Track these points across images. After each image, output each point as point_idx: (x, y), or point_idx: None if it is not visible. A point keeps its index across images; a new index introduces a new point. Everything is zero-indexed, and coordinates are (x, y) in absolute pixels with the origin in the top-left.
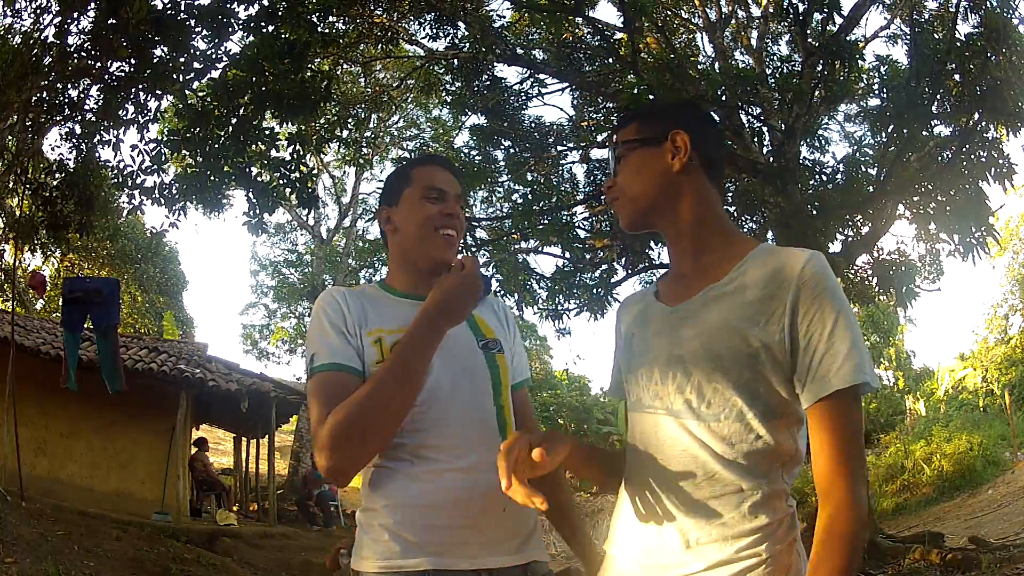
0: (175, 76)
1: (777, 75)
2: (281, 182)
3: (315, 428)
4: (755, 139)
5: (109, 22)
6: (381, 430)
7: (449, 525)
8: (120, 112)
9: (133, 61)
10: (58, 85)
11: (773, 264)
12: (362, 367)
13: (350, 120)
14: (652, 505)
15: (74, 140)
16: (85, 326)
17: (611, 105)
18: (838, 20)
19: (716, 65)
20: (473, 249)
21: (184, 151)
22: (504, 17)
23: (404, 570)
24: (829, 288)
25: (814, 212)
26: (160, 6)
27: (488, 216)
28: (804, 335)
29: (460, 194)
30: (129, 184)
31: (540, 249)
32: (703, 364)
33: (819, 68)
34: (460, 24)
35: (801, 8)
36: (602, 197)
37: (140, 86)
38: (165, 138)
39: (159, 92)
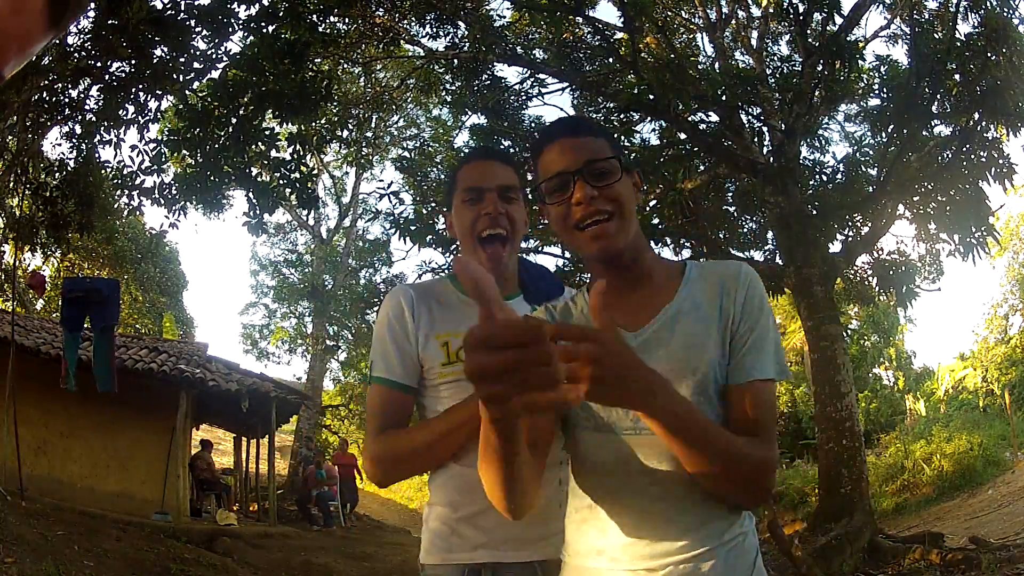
0: (175, 76)
1: (777, 75)
2: (281, 182)
3: (369, 437)
4: (755, 139)
5: (109, 22)
6: (422, 470)
7: (507, 524)
8: (120, 112)
9: (133, 61)
10: (58, 85)
11: (716, 275)
12: (417, 380)
13: (350, 120)
14: (644, 518)
15: (74, 140)
16: (85, 326)
17: (611, 105)
18: (838, 20)
19: (716, 65)
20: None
21: (184, 151)
22: (504, 17)
23: (464, 563)
24: (762, 293)
25: (814, 212)
26: (160, 6)
27: None
28: (744, 331)
29: (506, 184)
30: (129, 184)
31: (540, 249)
32: (681, 382)
33: (819, 68)
34: (460, 24)
35: (801, 8)
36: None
37: (140, 86)
38: (165, 138)
39: (159, 92)
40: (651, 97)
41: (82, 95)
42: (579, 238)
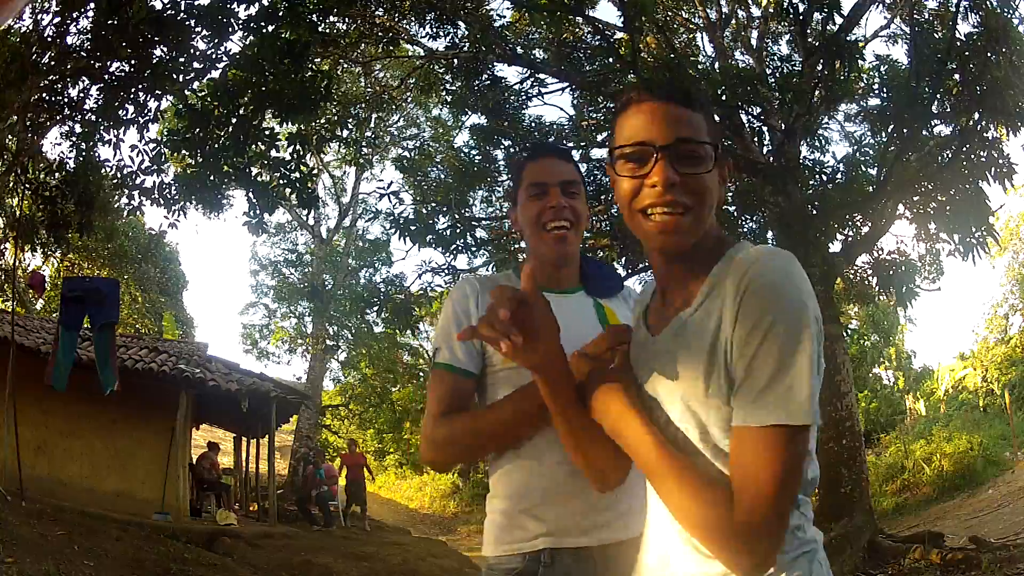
0: (175, 76)
1: (777, 75)
2: (281, 182)
3: (428, 420)
4: (755, 139)
5: (109, 22)
6: (487, 453)
7: (566, 513)
8: (120, 112)
9: (133, 61)
10: (58, 85)
11: (732, 270)
12: (479, 367)
13: (350, 120)
14: (665, 522)
15: (74, 140)
16: (84, 325)
17: (611, 105)
18: (838, 20)
19: (716, 65)
20: (473, 248)
21: (184, 151)
22: (504, 17)
23: (525, 551)
24: (771, 296)
25: (814, 212)
26: (160, 6)
27: (488, 216)
28: (736, 356)
29: (570, 179)
30: (129, 184)
31: None
32: (674, 404)
33: (819, 68)
34: (460, 24)
35: (801, 8)
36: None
37: (140, 86)
38: (165, 138)
39: (159, 92)
40: None
41: (82, 95)
42: (642, 224)
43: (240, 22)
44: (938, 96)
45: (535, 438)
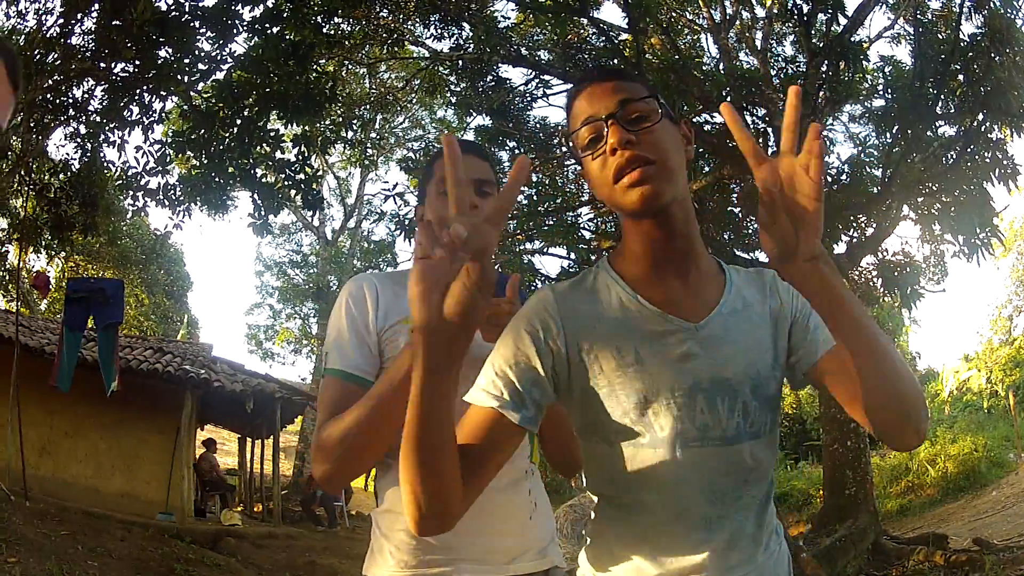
0: (180, 77)
1: (781, 76)
2: (286, 183)
3: (316, 433)
4: (760, 140)
5: (113, 23)
6: (374, 451)
7: (477, 532)
8: (125, 113)
9: (137, 62)
10: (62, 86)
11: (753, 278)
12: (376, 373)
13: (355, 121)
14: (701, 536)
15: (79, 141)
16: (88, 326)
17: None
18: (842, 21)
19: (721, 66)
20: None
21: (189, 152)
22: (509, 18)
23: None
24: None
25: None
26: (164, 7)
27: None
28: (802, 316)
29: (485, 179)
30: (133, 185)
31: (545, 250)
32: (746, 384)
33: (823, 69)
34: (465, 25)
35: (805, 9)
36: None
37: (145, 87)
38: (170, 139)
39: (164, 93)
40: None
41: (86, 96)
42: (617, 191)
43: (245, 23)
44: (942, 97)
45: None
